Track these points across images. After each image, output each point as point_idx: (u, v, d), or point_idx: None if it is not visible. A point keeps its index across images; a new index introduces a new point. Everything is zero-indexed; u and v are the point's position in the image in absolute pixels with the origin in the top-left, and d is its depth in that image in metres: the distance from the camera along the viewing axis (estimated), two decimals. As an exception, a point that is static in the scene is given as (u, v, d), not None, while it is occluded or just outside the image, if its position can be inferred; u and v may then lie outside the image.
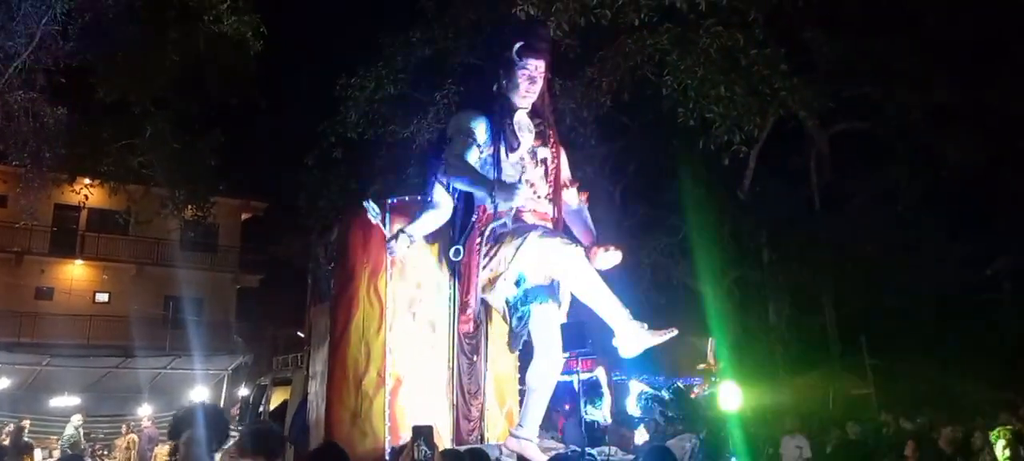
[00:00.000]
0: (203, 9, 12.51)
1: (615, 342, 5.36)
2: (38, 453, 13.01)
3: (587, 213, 6.09)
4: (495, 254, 5.48)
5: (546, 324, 5.54)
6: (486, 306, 6.02)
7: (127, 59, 12.84)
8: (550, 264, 5.44)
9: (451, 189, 5.86)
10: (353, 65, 13.92)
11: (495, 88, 5.81)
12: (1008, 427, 9.49)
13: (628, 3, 10.43)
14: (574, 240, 5.71)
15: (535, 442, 5.62)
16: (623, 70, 11.18)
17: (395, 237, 5.70)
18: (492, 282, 5.54)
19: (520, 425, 5.70)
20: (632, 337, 5.26)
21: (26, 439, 12.33)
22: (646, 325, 5.30)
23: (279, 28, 14.14)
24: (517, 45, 5.54)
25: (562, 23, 10.21)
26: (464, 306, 5.70)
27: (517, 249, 5.35)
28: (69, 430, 13.68)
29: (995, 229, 16.33)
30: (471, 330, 5.94)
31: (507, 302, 5.65)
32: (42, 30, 10.85)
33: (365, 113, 13.87)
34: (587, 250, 5.65)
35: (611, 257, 5.59)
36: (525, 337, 5.69)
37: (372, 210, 5.66)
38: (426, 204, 5.93)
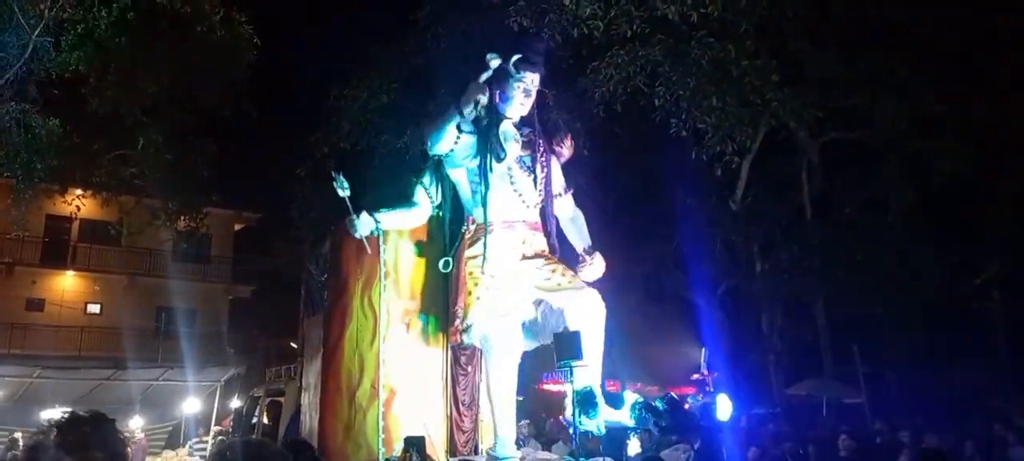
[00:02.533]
0: (196, 20, 12.51)
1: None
2: None
3: (583, 220, 6.12)
4: (466, 298, 5.50)
5: (501, 331, 5.51)
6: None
7: (119, 70, 12.82)
8: (492, 340, 5.49)
9: (437, 192, 5.90)
10: (346, 75, 13.96)
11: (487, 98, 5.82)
12: None
13: (620, 15, 10.51)
14: (564, 245, 5.77)
15: (516, 455, 5.59)
16: (615, 81, 11.24)
17: (358, 215, 5.64)
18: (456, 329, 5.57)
19: (498, 437, 5.59)
20: None
21: (13, 454, 12.24)
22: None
23: (271, 39, 14.16)
24: (515, 58, 5.55)
25: (555, 34, 10.27)
26: (452, 318, 5.69)
27: (470, 326, 5.40)
28: None
29: (984, 238, 16.47)
30: (462, 342, 5.92)
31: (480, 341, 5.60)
32: (35, 41, 10.85)
33: (357, 123, 13.88)
34: (578, 259, 5.73)
35: (593, 268, 5.64)
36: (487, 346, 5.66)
37: (340, 183, 5.57)
38: (404, 199, 5.95)
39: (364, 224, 5.61)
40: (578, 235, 6.00)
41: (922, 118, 14.44)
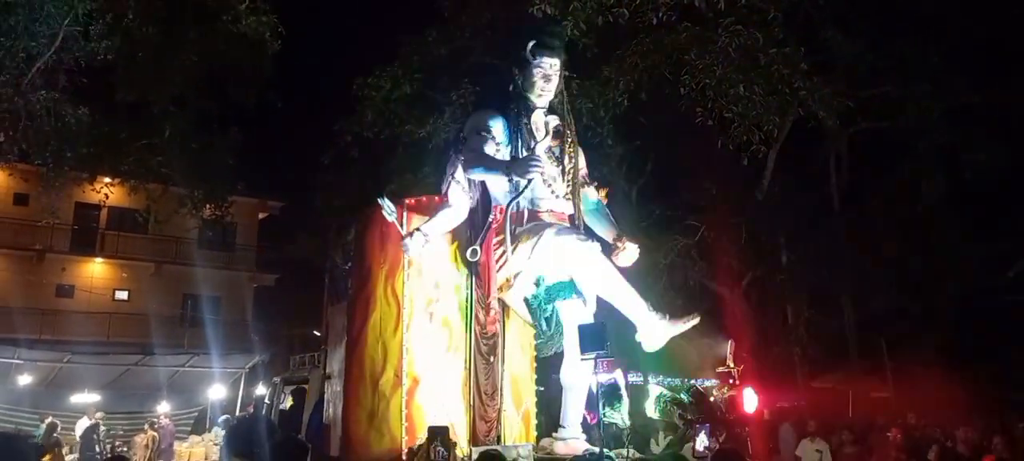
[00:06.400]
0: (222, 9, 12.58)
1: (638, 337, 5.34)
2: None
3: (607, 211, 6.09)
4: (512, 254, 5.48)
5: (574, 320, 5.52)
6: (504, 306, 6.02)
7: (147, 59, 12.93)
8: (566, 261, 5.42)
9: (470, 186, 5.86)
10: (370, 64, 13.96)
11: (512, 88, 5.81)
12: None
13: (646, 2, 10.37)
14: (593, 236, 5.71)
15: (582, 438, 5.67)
16: (641, 69, 11.12)
17: (410, 235, 5.68)
18: (509, 282, 5.55)
19: (562, 425, 5.72)
20: (654, 329, 5.25)
21: (56, 436, 12.54)
22: (667, 315, 5.31)
23: (296, 28, 14.20)
24: (531, 44, 5.53)
25: (580, 22, 10.16)
26: (488, 307, 5.70)
27: (533, 248, 5.35)
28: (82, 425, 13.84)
29: (1017, 230, 16.08)
30: (490, 331, 5.93)
31: (528, 303, 5.63)
32: (64, 31, 10.97)
33: (381, 112, 13.88)
34: (608, 246, 5.69)
35: (629, 253, 5.59)
36: (559, 339, 5.65)
37: (387, 208, 5.62)
38: (442, 204, 5.94)
39: (417, 242, 5.66)
40: (604, 225, 5.97)
41: (954, 108, 14.11)
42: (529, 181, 5.39)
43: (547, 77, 5.63)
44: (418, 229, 5.70)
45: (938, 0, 13.44)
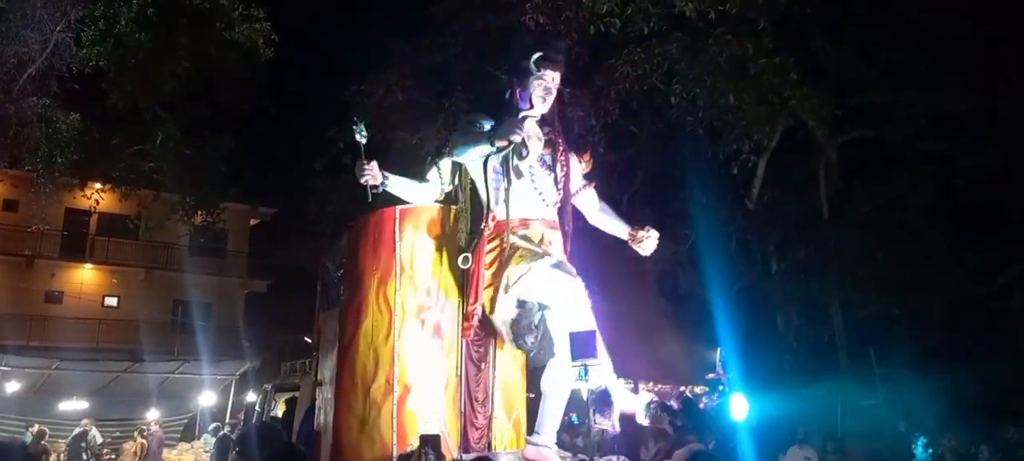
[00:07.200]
0: (215, 16, 12.63)
1: (586, 376, 5.40)
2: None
3: (611, 210, 6.14)
4: (500, 275, 5.48)
5: (560, 325, 5.54)
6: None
7: (139, 65, 12.94)
8: (553, 294, 5.45)
9: (448, 177, 5.93)
10: (362, 71, 14.00)
11: (507, 96, 5.84)
12: None
13: (637, 12, 10.46)
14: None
15: (553, 448, 5.65)
16: (632, 79, 11.21)
17: (369, 163, 5.68)
18: (493, 302, 5.55)
19: (537, 432, 5.72)
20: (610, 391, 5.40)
21: (44, 444, 12.49)
22: (630, 384, 5.41)
23: (289, 35, 14.25)
24: (535, 56, 5.55)
25: (571, 31, 10.25)
26: (469, 315, 5.70)
27: (521, 277, 5.37)
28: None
29: (1007, 237, 16.19)
30: (464, 337, 5.93)
31: (509, 324, 5.61)
32: (56, 37, 10.99)
33: (374, 119, 13.91)
34: (630, 238, 5.75)
35: (650, 241, 5.66)
36: (549, 346, 5.66)
37: (359, 129, 5.63)
38: (418, 175, 6.03)
39: (373, 173, 5.66)
40: (615, 222, 6.02)
41: (945, 115, 14.21)
42: (512, 142, 5.40)
43: (548, 89, 5.66)
44: (382, 170, 5.76)
45: (928, 5, 13.54)
